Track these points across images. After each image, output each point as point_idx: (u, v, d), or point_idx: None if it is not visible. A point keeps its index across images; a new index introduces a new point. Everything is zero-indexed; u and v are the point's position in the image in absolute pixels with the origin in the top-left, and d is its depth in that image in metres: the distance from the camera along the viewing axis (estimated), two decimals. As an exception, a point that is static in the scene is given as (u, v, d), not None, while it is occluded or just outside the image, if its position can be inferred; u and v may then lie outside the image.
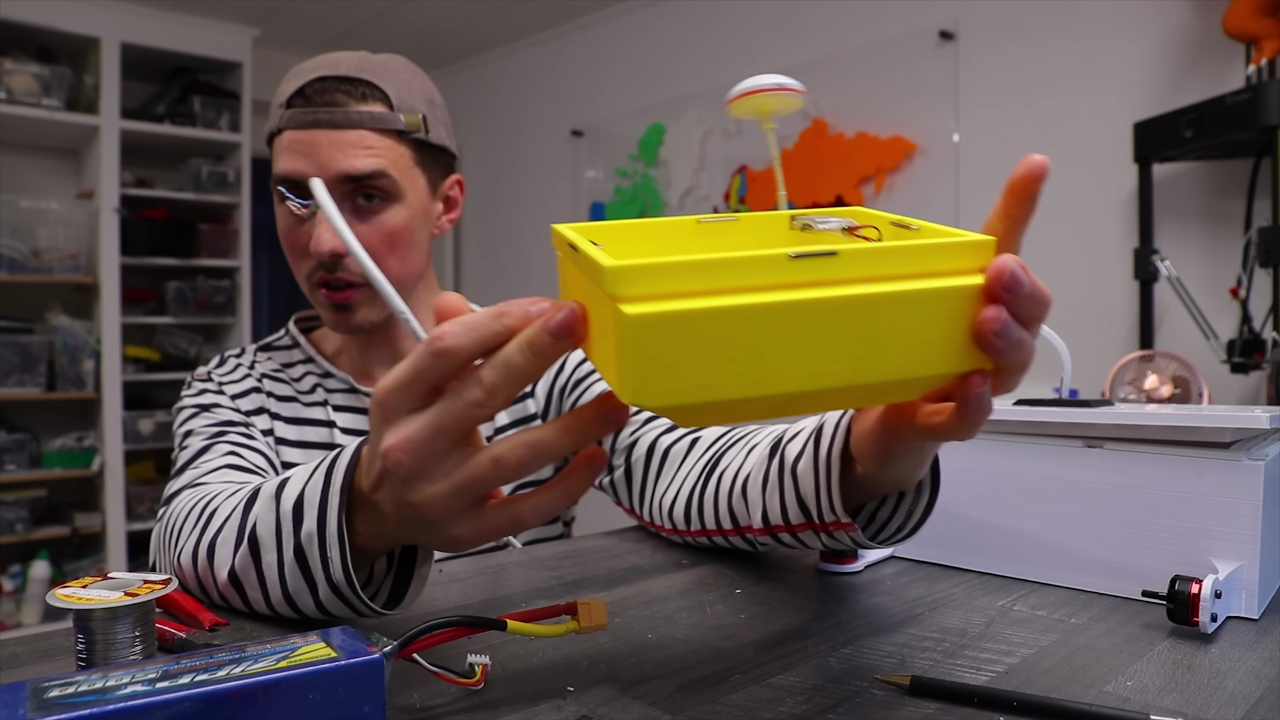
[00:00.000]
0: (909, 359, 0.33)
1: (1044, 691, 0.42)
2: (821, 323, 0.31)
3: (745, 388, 0.31)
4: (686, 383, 0.31)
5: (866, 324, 0.31)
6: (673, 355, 0.30)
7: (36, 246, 2.91)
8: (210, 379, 0.85)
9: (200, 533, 0.57)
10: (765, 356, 0.31)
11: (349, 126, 0.75)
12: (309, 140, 0.75)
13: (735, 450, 0.66)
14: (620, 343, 0.30)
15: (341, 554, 0.45)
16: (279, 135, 0.77)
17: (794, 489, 0.54)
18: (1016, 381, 0.37)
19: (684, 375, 0.30)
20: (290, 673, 0.33)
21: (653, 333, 0.30)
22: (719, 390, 0.31)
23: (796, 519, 0.54)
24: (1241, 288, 1.73)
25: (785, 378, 0.31)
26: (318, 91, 0.76)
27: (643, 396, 0.30)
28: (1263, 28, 1.66)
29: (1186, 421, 0.55)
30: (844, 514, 0.50)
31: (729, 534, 0.64)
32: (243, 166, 3.29)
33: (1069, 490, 0.59)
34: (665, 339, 0.30)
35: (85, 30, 2.94)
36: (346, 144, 0.75)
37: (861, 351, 0.32)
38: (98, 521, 3.02)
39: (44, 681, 0.32)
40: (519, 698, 0.42)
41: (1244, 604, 0.52)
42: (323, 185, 0.55)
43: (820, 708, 0.41)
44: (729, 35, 2.89)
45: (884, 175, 2.46)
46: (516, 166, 3.72)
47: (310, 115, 0.75)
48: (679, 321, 0.30)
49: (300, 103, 0.76)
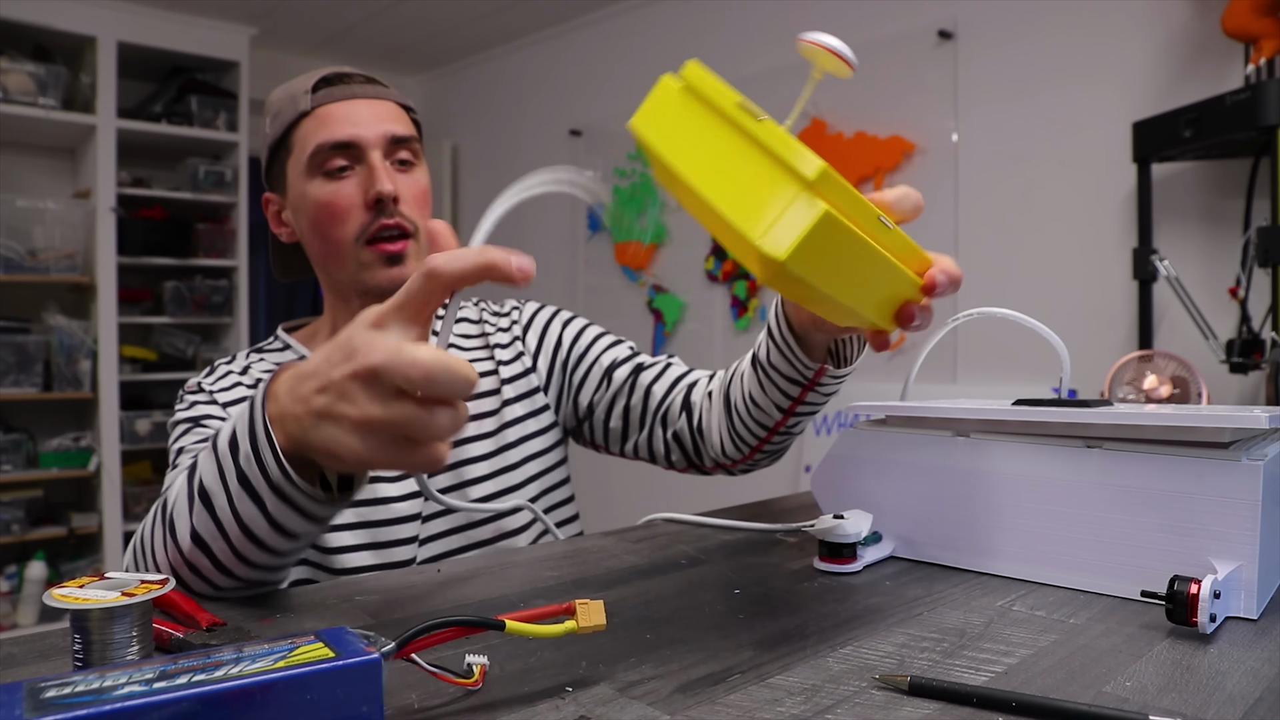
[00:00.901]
0: (878, 295, 0.51)
1: (1043, 692, 0.42)
2: (876, 260, 0.47)
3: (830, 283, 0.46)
4: (815, 265, 0.43)
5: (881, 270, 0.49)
6: (822, 244, 0.43)
7: (33, 246, 2.91)
8: (200, 389, 0.86)
9: (160, 521, 0.60)
10: (849, 266, 0.46)
11: (381, 99, 0.87)
12: (352, 111, 0.84)
13: (729, 381, 0.83)
14: (804, 222, 0.42)
15: (274, 452, 0.51)
16: (307, 116, 0.84)
17: (779, 374, 0.74)
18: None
19: (818, 259, 0.43)
20: (288, 673, 0.33)
21: (829, 227, 0.42)
22: (824, 275, 0.45)
23: (794, 392, 0.75)
24: (1240, 287, 1.72)
25: (850, 285, 0.48)
26: (342, 77, 0.86)
27: (796, 261, 0.42)
28: (1262, 27, 1.66)
29: (1185, 422, 0.55)
30: (813, 363, 0.72)
31: (770, 439, 0.81)
32: (240, 166, 3.28)
33: (1068, 490, 0.59)
34: (827, 234, 0.43)
35: (81, 29, 2.94)
36: (384, 113, 0.86)
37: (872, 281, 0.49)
38: (94, 522, 3.02)
39: (40, 682, 0.32)
40: (517, 698, 0.42)
41: (1243, 604, 0.52)
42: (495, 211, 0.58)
43: (819, 708, 0.41)
44: (728, 34, 2.89)
45: (883, 175, 2.46)
46: (514, 166, 3.72)
47: (348, 91, 0.85)
48: (836, 226, 0.43)
49: (329, 86, 0.85)
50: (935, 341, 0.79)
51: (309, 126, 0.84)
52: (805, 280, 0.44)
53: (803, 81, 0.53)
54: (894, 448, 0.68)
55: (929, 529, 0.66)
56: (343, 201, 0.83)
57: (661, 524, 0.83)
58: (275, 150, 0.88)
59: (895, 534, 0.68)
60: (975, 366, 2.30)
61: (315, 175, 0.84)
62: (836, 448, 0.72)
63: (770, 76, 2.73)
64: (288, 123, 0.85)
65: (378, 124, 0.84)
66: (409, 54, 3.84)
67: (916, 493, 0.67)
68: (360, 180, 0.83)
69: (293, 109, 0.85)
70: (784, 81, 2.69)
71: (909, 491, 0.67)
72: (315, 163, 0.83)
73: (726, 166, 0.45)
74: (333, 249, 0.85)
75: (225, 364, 0.90)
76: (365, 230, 0.83)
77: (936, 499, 0.66)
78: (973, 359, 2.30)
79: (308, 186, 0.84)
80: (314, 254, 0.88)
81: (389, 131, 0.84)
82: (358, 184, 0.83)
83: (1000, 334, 2.19)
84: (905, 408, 0.68)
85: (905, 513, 0.68)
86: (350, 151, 0.83)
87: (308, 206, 0.84)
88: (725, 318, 2.89)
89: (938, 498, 0.66)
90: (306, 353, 0.91)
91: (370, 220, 0.83)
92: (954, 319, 0.78)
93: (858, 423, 0.72)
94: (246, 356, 0.91)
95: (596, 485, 1.15)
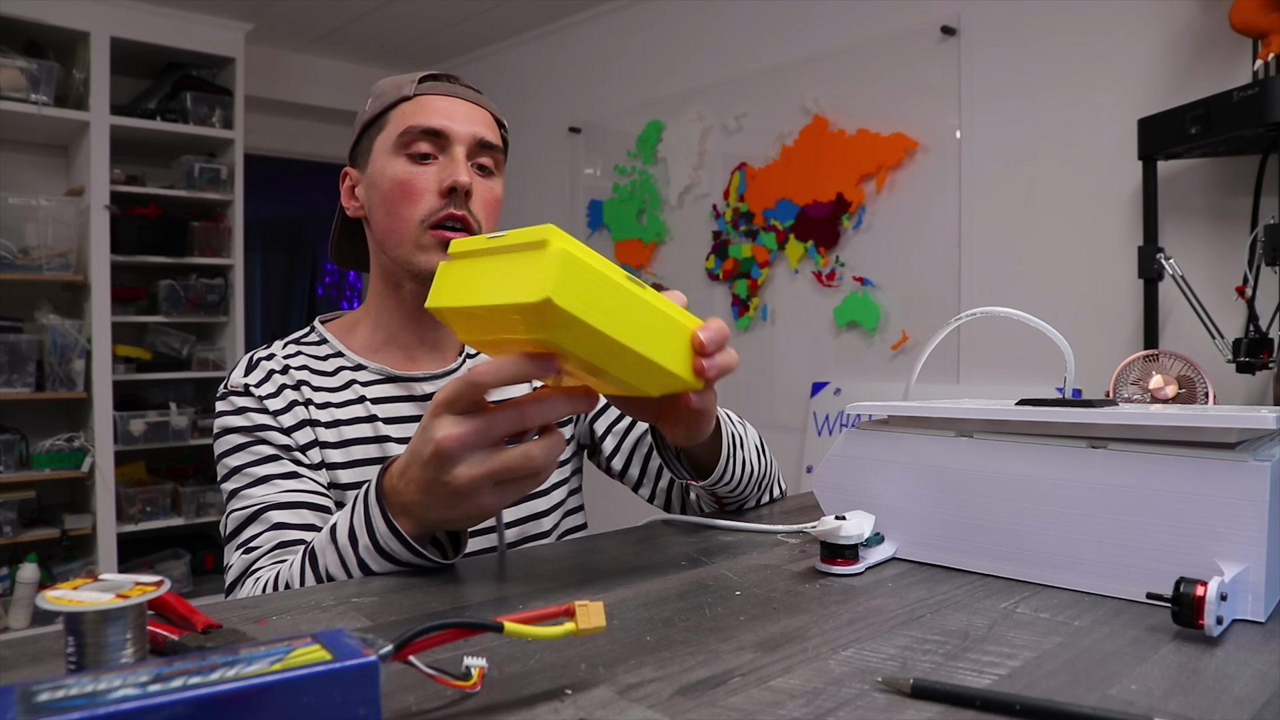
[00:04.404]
0: (654, 339, 0.56)
1: (1047, 695, 0.42)
2: (634, 300, 0.55)
3: (600, 320, 0.52)
4: (578, 301, 0.51)
5: (645, 311, 0.56)
6: (576, 281, 0.51)
7: (25, 244, 2.89)
8: (248, 392, 0.86)
9: (266, 585, 0.71)
10: (610, 305, 0.53)
11: (480, 105, 0.92)
12: (448, 106, 0.89)
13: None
14: (554, 265, 0.50)
15: (400, 538, 0.63)
16: (408, 100, 0.89)
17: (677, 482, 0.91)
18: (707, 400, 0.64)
19: (577, 296, 0.51)
20: (284, 676, 0.33)
21: (572, 265, 0.51)
22: (591, 312, 0.52)
23: (697, 490, 0.88)
24: (1248, 286, 1.71)
25: (619, 325, 0.54)
26: (450, 77, 0.92)
27: (559, 296, 0.50)
28: (1270, 22, 1.65)
29: (1191, 422, 0.54)
30: (692, 472, 0.83)
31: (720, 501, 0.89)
32: (235, 163, 3.27)
33: (1072, 491, 0.59)
34: (577, 270, 0.51)
35: (74, 24, 2.92)
36: (479, 117, 0.90)
37: (640, 323, 0.55)
38: (88, 523, 3.00)
39: (33, 685, 0.32)
40: (516, 701, 0.42)
41: (1250, 607, 0.52)
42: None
43: (821, 711, 0.41)
44: (729, 31, 2.89)
45: (885, 172, 2.46)
46: (513, 164, 3.69)
47: (451, 88, 0.90)
48: (580, 264, 0.51)
49: (435, 81, 0.90)
50: (938, 341, 0.79)
51: (407, 109, 0.88)
52: (576, 317, 0.51)
53: (804, 80, 0.54)
54: (897, 448, 0.68)
55: (932, 530, 0.66)
56: (420, 183, 0.87)
57: (662, 525, 0.83)
58: (367, 127, 0.92)
59: (898, 535, 0.68)
60: (978, 366, 2.30)
61: (400, 154, 0.87)
62: (839, 448, 0.72)
63: (770, 74, 2.73)
64: (387, 104, 0.90)
65: (470, 124, 0.88)
66: (406, 50, 3.83)
67: (919, 494, 0.66)
68: (440, 169, 0.87)
69: (395, 92, 0.90)
70: (784, 79, 2.69)
71: (912, 492, 0.67)
72: (403, 141, 0.87)
73: (497, 283, 0.54)
74: (397, 225, 0.87)
75: (265, 359, 0.90)
76: (433, 214, 0.86)
77: (939, 500, 0.65)
78: (976, 359, 2.30)
79: (389, 162, 0.88)
80: (377, 230, 0.91)
81: (479, 134, 0.88)
82: (437, 171, 0.87)
83: (1004, 333, 2.20)
84: (908, 408, 0.68)
85: (908, 514, 0.67)
86: (438, 140, 0.87)
87: (384, 181, 0.88)
88: (726, 316, 2.89)
89: (941, 499, 0.65)
90: (344, 349, 0.92)
91: (440, 206, 0.86)
92: (957, 318, 0.78)
93: (860, 423, 0.72)
94: (284, 348, 0.92)
95: (597, 486, 1.15)
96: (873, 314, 2.49)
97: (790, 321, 2.73)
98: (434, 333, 0.94)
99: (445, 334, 0.95)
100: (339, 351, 0.92)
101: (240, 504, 0.80)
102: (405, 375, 0.91)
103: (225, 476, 0.83)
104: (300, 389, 0.88)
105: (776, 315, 2.76)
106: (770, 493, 0.93)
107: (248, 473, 0.82)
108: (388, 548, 0.63)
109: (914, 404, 0.69)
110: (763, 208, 2.75)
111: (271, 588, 0.70)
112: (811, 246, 2.63)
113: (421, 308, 0.90)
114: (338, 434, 0.86)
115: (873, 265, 2.51)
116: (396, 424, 0.88)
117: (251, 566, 0.76)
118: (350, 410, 0.88)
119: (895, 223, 2.45)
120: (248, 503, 0.80)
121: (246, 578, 0.76)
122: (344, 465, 0.85)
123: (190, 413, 3.24)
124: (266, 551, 0.76)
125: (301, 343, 0.94)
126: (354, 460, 0.86)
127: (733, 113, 2.84)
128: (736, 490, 0.85)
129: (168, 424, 3.18)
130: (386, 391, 0.90)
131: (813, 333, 2.66)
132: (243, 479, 0.82)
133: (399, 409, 0.89)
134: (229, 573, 0.78)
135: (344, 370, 0.91)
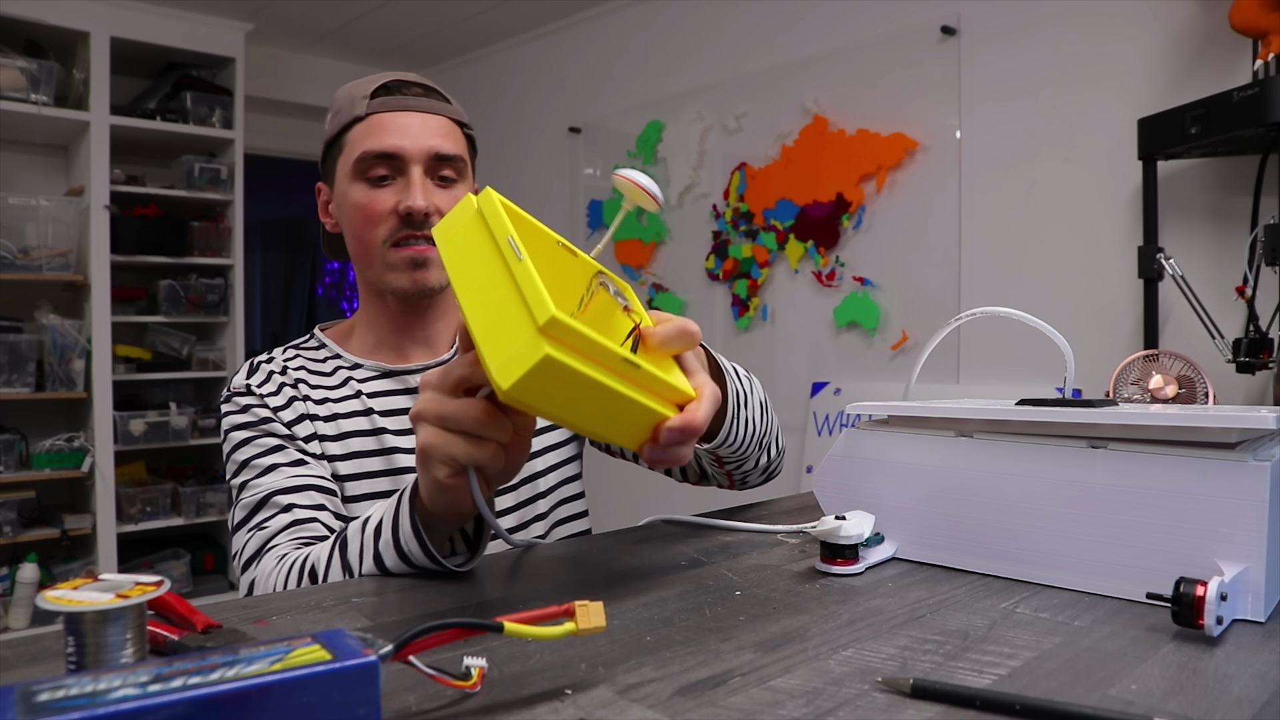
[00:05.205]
0: (629, 426, 0.54)
1: (1047, 695, 0.42)
2: (609, 395, 0.51)
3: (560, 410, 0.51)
4: (539, 396, 0.49)
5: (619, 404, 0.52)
6: (544, 381, 0.48)
7: (25, 244, 2.89)
8: (250, 391, 0.89)
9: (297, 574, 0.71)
10: (578, 399, 0.50)
11: (434, 114, 0.90)
12: (403, 122, 0.88)
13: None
14: (528, 361, 0.47)
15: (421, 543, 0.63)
16: (361, 121, 0.89)
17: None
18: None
19: (541, 392, 0.49)
20: (284, 676, 0.33)
21: (551, 366, 0.47)
22: (551, 406, 0.50)
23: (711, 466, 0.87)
24: (1248, 286, 1.70)
25: (582, 415, 0.52)
26: (402, 86, 0.90)
27: (518, 391, 0.48)
28: (1270, 22, 1.64)
29: (1192, 422, 0.54)
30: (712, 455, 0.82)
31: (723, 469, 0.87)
32: (236, 163, 3.27)
33: (1072, 491, 0.59)
34: (549, 372, 0.48)
35: (74, 24, 2.92)
36: (435, 129, 0.89)
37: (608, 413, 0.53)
38: (88, 523, 3.00)
39: (33, 685, 0.32)
40: (516, 701, 0.42)
41: (1250, 607, 0.52)
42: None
43: (821, 711, 0.41)
44: (728, 31, 2.89)
45: (885, 172, 2.46)
46: (513, 164, 3.71)
47: (403, 102, 0.89)
48: (557, 367, 0.48)
49: (387, 94, 0.89)
50: (938, 341, 0.79)
51: (361, 131, 0.89)
52: (532, 406, 0.50)
53: (804, 80, 0.53)
54: (897, 448, 0.68)
55: (932, 530, 0.66)
56: (377, 208, 0.88)
57: (662, 525, 0.83)
58: (329, 147, 0.93)
59: (898, 535, 0.68)
60: (978, 366, 2.30)
61: (358, 179, 0.89)
62: (838, 448, 0.72)
63: (769, 74, 2.73)
64: (343, 124, 0.90)
65: (425, 138, 0.88)
66: (406, 50, 3.83)
67: (919, 494, 0.66)
68: (397, 190, 0.88)
69: (349, 111, 0.90)
70: (784, 79, 2.69)
71: (912, 492, 0.67)
72: (360, 168, 0.88)
73: (488, 292, 0.52)
74: (363, 249, 0.90)
75: (265, 362, 0.94)
76: (393, 234, 0.88)
77: (939, 500, 0.65)
78: (976, 359, 2.30)
79: (350, 188, 0.89)
80: (350, 250, 0.94)
81: (434, 148, 0.88)
82: (394, 194, 0.88)
83: (1004, 333, 2.20)
84: (908, 408, 0.68)
85: (908, 514, 0.67)
86: (393, 162, 0.88)
87: (347, 207, 0.90)
88: (726, 316, 2.89)
89: (941, 499, 0.65)
90: (341, 351, 0.95)
91: (399, 227, 0.88)
92: (957, 318, 0.78)
93: (860, 423, 0.72)
94: (284, 352, 0.95)
95: (598, 486, 1.15)
96: (873, 314, 2.49)
97: (790, 321, 2.73)
98: (424, 331, 0.95)
99: (436, 330, 0.96)
100: (336, 354, 0.95)
101: (249, 493, 0.82)
102: (399, 369, 0.93)
103: (234, 472, 0.85)
104: (298, 386, 0.90)
105: (776, 315, 2.76)
106: (769, 452, 0.88)
107: (255, 464, 0.84)
108: (407, 548, 0.64)
109: (914, 404, 0.69)
110: (763, 208, 2.75)
111: (299, 568, 0.71)
112: (811, 246, 2.63)
113: (407, 313, 0.93)
114: (335, 427, 0.88)
115: (873, 265, 2.51)
116: (393, 416, 0.90)
117: (269, 542, 0.77)
118: (348, 404, 0.90)
119: (895, 223, 2.45)
120: (256, 490, 0.82)
121: (265, 553, 0.77)
122: (343, 457, 0.87)
123: (190, 413, 3.24)
124: (281, 529, 0.78)
125: (300, 348, 0.97)
126: (352, 452, 0.88)
127: (733, 113, 2.84)
128: (738, 450, 0.82)
129: (168, 424, 3.18)
130: (382, 386, 0.92)
131: (813, 333, 2.66)
132: (251, 470, 0.84)
133: (395, 401, 0.91)
134: (241, 555, 0.79)
135: (341, 370, 0.94)
